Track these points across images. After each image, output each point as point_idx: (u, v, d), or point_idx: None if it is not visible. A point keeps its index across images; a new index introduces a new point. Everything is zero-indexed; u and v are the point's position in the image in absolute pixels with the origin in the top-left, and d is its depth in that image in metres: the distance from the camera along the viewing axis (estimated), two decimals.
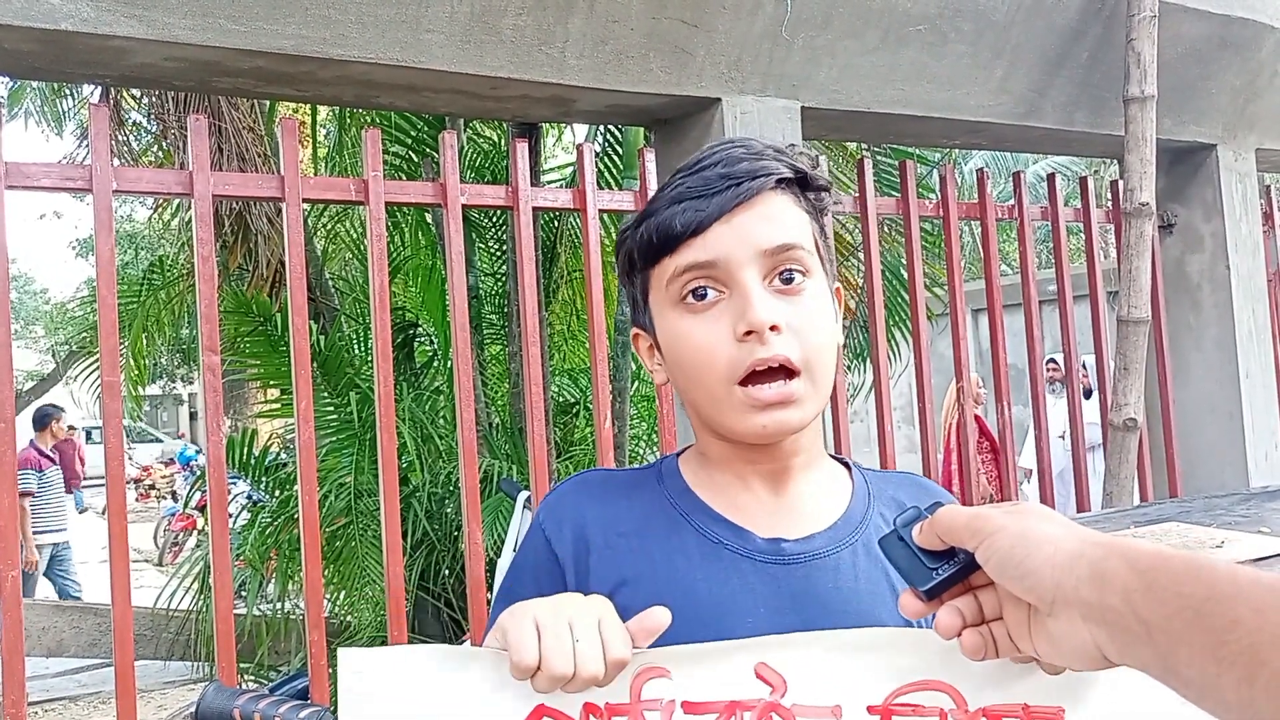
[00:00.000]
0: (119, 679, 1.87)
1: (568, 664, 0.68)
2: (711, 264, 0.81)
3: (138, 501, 14.61)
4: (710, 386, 0.82)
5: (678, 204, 0.83)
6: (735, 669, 0.74)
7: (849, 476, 0.92)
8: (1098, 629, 0.56)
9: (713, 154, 0.85)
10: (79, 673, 6.98)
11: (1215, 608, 0.50)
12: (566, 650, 0.68)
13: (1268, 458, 3.49)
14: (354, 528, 3.90)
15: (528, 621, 0.69)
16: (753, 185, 0.82)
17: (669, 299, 0.84)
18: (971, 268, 10.52)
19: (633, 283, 0.90)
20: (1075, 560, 0.57)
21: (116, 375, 1.94)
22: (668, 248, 0.83)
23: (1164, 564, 0.53)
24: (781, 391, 0.80)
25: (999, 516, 0.63)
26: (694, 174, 0.84)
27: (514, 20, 2.21)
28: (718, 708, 0.73)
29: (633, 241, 0.87)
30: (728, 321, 0.81)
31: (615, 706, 0.73)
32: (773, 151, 0.85)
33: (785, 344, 0.80)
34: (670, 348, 0.86)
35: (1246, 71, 3.38)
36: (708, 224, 0.81)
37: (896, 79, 2.77)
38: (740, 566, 0.83)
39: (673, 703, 0.73)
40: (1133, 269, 2.98)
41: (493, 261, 4.58)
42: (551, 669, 0.67)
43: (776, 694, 0.73)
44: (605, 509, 0.89)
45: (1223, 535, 1.92)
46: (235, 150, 4.79)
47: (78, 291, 16.78)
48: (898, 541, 0.68)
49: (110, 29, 1.88)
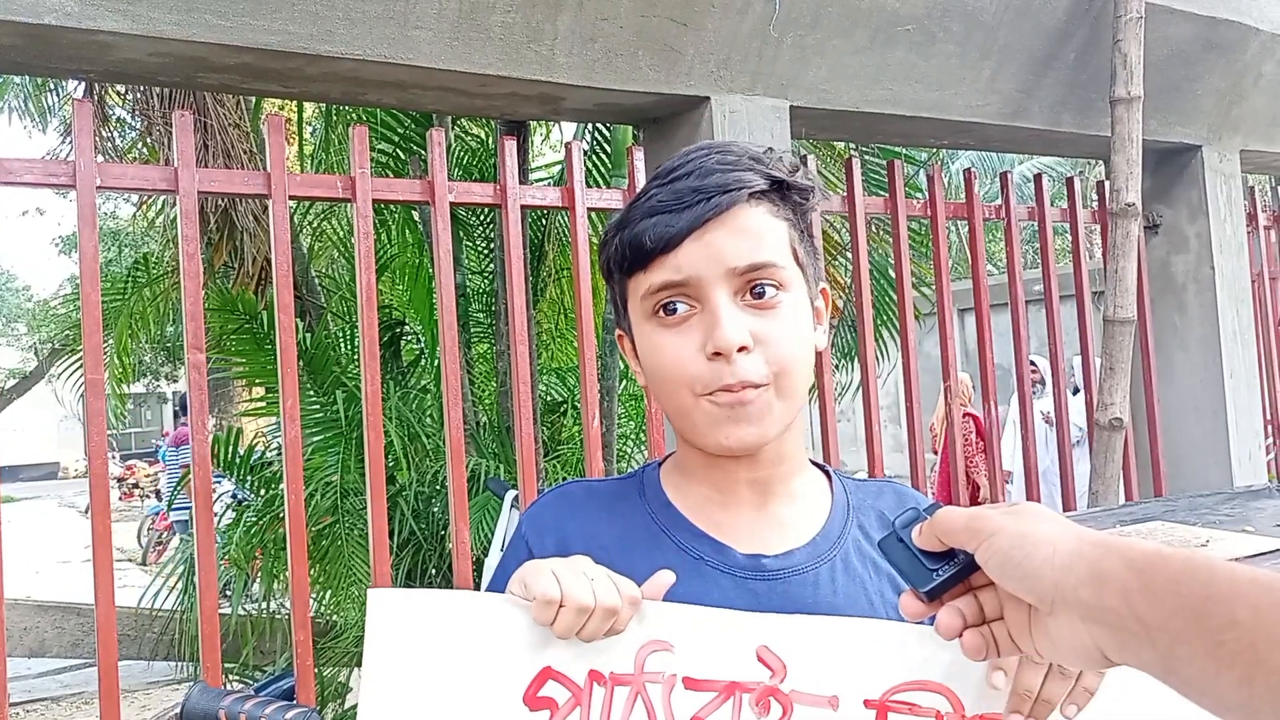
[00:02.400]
0: (102, 679, 1.85)
1: (588, 596, 0.73)
2: (683, 283, 0.81)
3: (121, 500, 14.53)
4: (679, 398, 0.83)
5: (649, 218, 0.82)
6: (737, 649, 0.75)
7: (829, 487, 0.92)
8: (1097, 629, 0.56)
9: (686, 163, 0.83)
10: (61, 673, 6.94)
11: (1213, 607, 0.50)
12: (585, 586, 0.73)
13: (1251, 457, 3.51)
14: (340, 527, 3.88)
15: (545, 570, 0.75)
16: (723, 200, 0.81)
17: (643, 311, 0.85)
18: (958, 267, 10.57)
19: (613, 287, 0.91)
20: (1074, 560, 0.57)
21: (100, 373, 1.92)
22: (640, 263, 0.83)
23: (1162, 563, 0.53)
24: (737, 398, 0.80)
25: (998, 517, 0.63)
26: (666, 185, 0.83)
27: (502, 17, 2.21)
28: (718, 687, 0.75)
29: (612, 250, 0.87)
30: (697, 336, 0.81)
31: (619, 676, 0.75)
32: (748, 160, 0.84)
33: (752, 365, 0.80)
34: (646, 358, 0.87)
35: (1231, 73, 3.41)
36: (678, 240, 0.81)
37: (885, 79, 2.77)
38: (721, 582, 0.84)
39: (674, 677, 0.75)
40: (1118, 269, 3.00)
41: (480, 260, 4.56)
42: (574, 600, 0.72)
43: (776, 679, 0.75)
44: (587, 522, 0.90)
45: (1207, 534, 1.93)
46: (221, 147, 4.76)
47: (60, 289, 16.67)
48: (897, 543, 0.68)
49: (94, 23, 1.86)
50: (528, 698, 0.74)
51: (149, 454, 19.11)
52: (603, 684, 0.75)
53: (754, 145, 0.88)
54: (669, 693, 0.75)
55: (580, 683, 0.75)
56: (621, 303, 0.89)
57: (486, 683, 0.74)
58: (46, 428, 23.79)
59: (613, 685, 0.75)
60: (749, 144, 0.88)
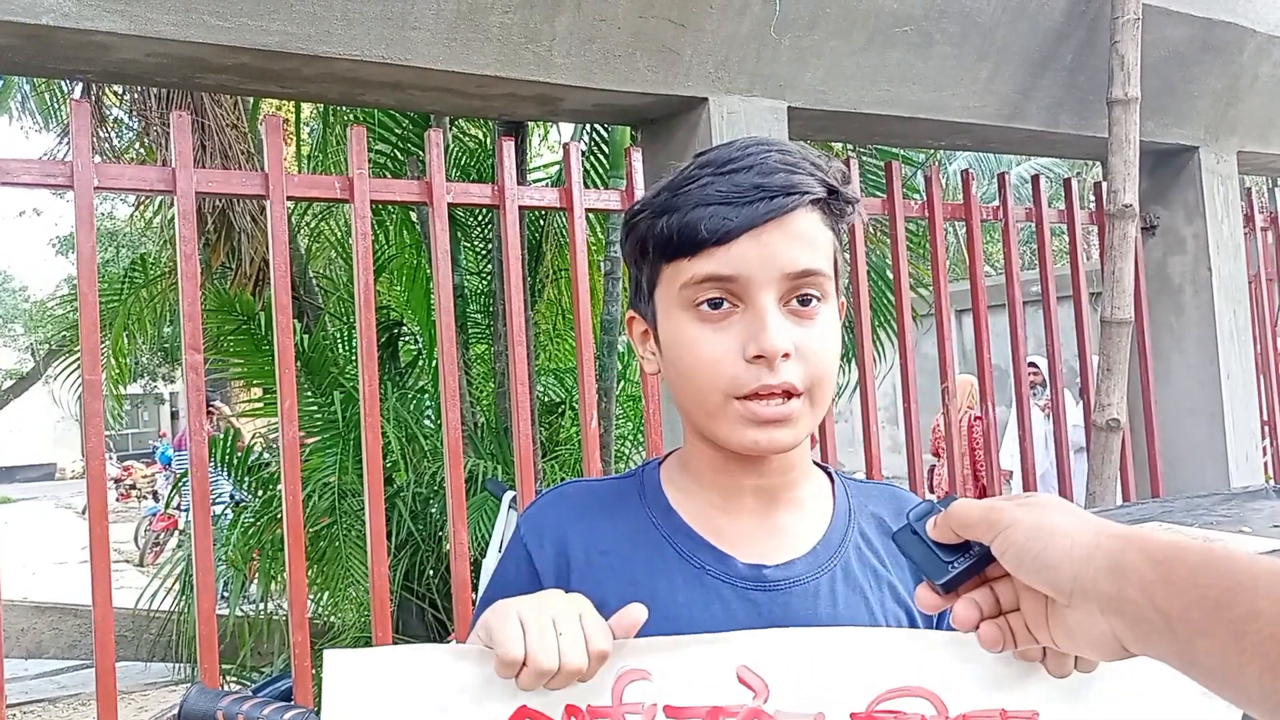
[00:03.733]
0: (100, 681, 1.85)
1: (552, 658, 0.68)
2: (732, 279, 0.79)
3: (118, 501, 14.51)
4: (707, 396, 0.81)
5: (704, 206, 0.79)
6: (716, 672, 0.74)
7: (831, 491, 0.91)
8: (1117, 621, 0.56)
9: (746, 156, 0.80)
10: (58, 674, 6.93)
11: (1234, 599, 0.50)
12: (551, 645, 0.69)
13: (1248, 458, 3.52)
14: (338, 528, 3.88)
15: (511, 618, 0.70)
16: (786, 201, 0.79)
17: (680, 301, 0.82)
18: (956, 268, 10.57)
19: (640, 269, 0.87)
20: (1092, 552, 0.57)
21: (98, 374, 1.92)
22: (687, 251, 0.80)
23: (1181, 555, 0.53)
24: (779, 411, 0.79)
25: (1014, 509, 0.62)
26: (724, 175, 0.80)
27: (500, 18, 2.21)
28: (699, 713, 0.73)
29: (649, 231, 0.83)
30: (738, 337, 0.79)
31: (597, 709, 0.73)
32: (809, 164, 0.82)
33: (792, 371, 0.79)
34: (672, 349, 0.84)
35: (1228, 75, 3.41)
36: (734, 235, 0.78)
37: (882, 80, 2.78)
38: (722, 592, 0.83)
39: (654, 706, 0.73)
40: (1116, 270, 3.00)
41: (478, 260, 4.57)
42: (537, 664, 0.68)
43: (759, 699, 0.73)
44: (587, 525, 0.88)
45: (1204, 535, 1.93)
46: (218, 147, 4.76)
47: (57, 289, 16.64)
48: (911, 535, 0.68)
49: (92, 24, 1.86)
50: None
51: (146, 455, 19.09)
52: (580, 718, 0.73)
53: (805, 147, 0.86)
54: None
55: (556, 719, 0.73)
56: (648, 285, 0.86)
57: None
58: (43, 429, 23.75)
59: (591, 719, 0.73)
60: (801, 145, 0.86)
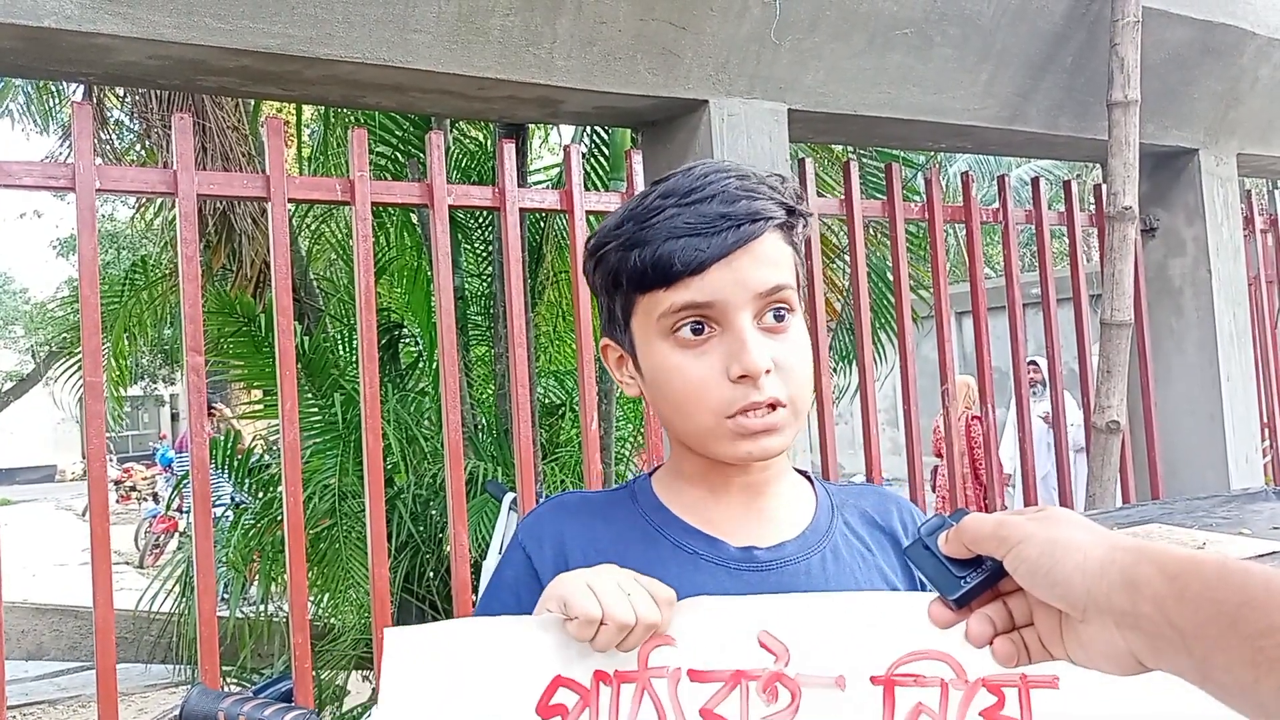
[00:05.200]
0: (100, 682, 1.85)
1: (629, 613, 0.74)
2: (709, 304, 0.83)
3: (118, 503, 14.51)
4: (700, 419, 0.85)
5: (675, 239, 0.83)
6: (738, 637, 0.77)
7: (811, 489, 0.97)
8: (1132, 635, 0.55)
9: (707, 184, 0.85)
10: (59, 676, 6.93)
11: (1250, 614, 0.50)
12: (624, 603, 0.75)
13: (1248, 460, 3.52)
14: (338, 530, 3.88)
15: (582, 585, 0.76)
16: (753, 229, 0.84)
17: (659, 330, 0.86)
18: (956, 270, 10.57)
19: (612, 299, 0.90)
20: (1106, 567, 0.57)
21: (99, 376, 1.92)
22: (662, 283, 0.84)
23: (1196, 569, 0.53)
24: (766, 421, 0.84)
25: (1025, 524, 0.62)
26: (689, 205, 0.84)
27: (501, 21, 2.21)
28: (723, 676, 0.76)
29: (621, 264, 0.87)
30: (720, 359, 0.84)
31: (624, 674, 0.77)
32: (767, 188, 0.86)
33: (774, 385, 0.83)
34: (657, 376, 0.88)
35: (1228, 77, 3.42)
36: (707, 265, 0.83)
37: (883, 82, 2.78)
38: (716, 575, 0.87)
39: (679, 670, 0.77)
40: (1116, 272, 3.00)
41: (479, 262, 4.57)
42: (615, 619, 0.74)
43: (780, 663, 0.76)
44: (583, 529, 0.93)
45: (1204, 537, 1.94)
46: (219, 149, 4.76)
47: (58, 291, 16.65)
48: (924, 550, 0.68)
49: (94, 26, 1.87)
50: (540, 708, 0.76)
51: (146, 457, 19.09)
52: (609, 683, 0.76)
53: (754, 167, 0.91)
54: (675, 686, 0.76)
55: (587, 684, 0.76)
56: (624, 316, 0.89)
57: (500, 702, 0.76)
58: (43, 430, 23.75)
59: (618, 684, 0.76)
60: (749, 166, 0.91)
